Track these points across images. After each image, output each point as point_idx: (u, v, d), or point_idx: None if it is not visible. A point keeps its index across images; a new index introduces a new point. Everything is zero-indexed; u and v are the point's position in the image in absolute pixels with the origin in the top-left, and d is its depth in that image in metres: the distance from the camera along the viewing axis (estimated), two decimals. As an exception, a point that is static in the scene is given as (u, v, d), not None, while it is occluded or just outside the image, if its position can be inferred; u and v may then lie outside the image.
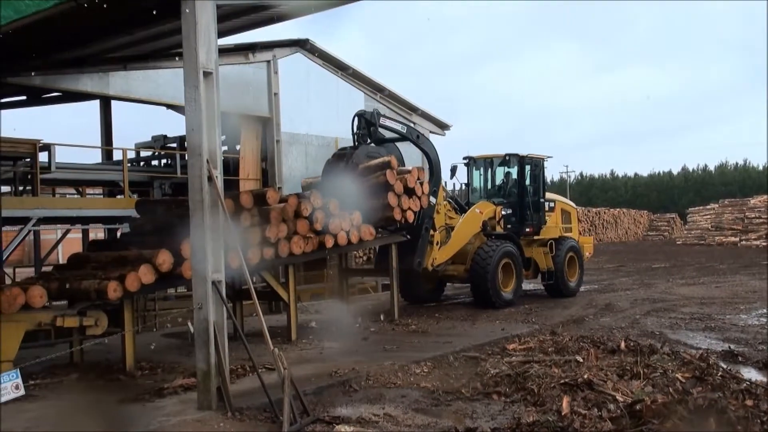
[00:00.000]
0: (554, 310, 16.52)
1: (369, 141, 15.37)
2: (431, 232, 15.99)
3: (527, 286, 20.80)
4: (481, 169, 19.16)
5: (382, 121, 15.55)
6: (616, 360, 9.99)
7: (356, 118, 15.36)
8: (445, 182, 19.09)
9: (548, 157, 19.48)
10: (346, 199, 13.77)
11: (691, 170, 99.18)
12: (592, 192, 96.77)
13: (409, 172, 15.18)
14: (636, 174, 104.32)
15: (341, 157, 15.12)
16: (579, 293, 19.87)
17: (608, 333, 12.94)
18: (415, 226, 15.40)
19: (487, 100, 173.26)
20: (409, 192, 14.95)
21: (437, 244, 16.19)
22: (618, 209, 66.45)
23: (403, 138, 16.26)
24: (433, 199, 16.11)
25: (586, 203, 77.40)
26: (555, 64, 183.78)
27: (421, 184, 15.31)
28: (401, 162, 15.87)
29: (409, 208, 14.85)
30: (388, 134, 15.90)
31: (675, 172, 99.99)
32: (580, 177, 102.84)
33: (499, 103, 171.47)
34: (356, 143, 15.27)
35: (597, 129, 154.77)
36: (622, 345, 10.81)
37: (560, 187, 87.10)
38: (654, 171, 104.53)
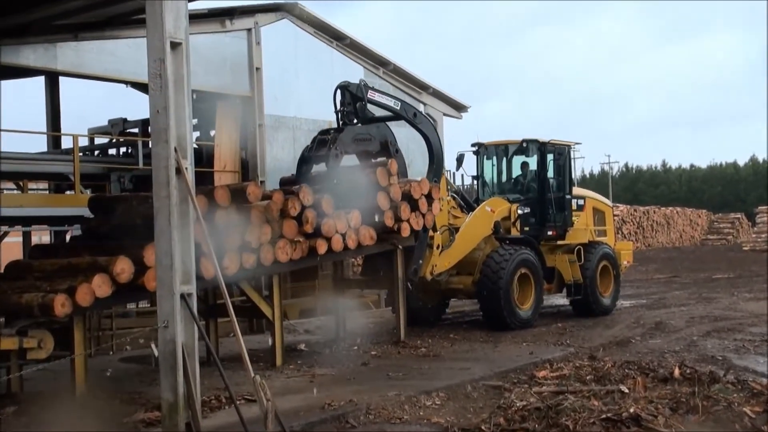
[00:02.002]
0: (593, 330, 16.49)
1: (355, 120, 15.39)
2: (430, 233, 15.93)
3: (558, 301, 20.76)
4: (494, 159, 19.11)
5: (371, 95, 15.52)
6: (668, 390, 9.96)
7: (339, 92, 15.32)
8: (452, 173, 19.05)
9: (576, 143, 19.43)
10: (337, 194, 13.78)
11: (761, 161, 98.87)
12: (639, 187, 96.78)
13: (417, 181, 15.17)
14: (692, 165, 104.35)
15: (323, 143, 15.04)
16: (623, 309, 19.85)
17: (659, 358, 12.92)
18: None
19: (528, 74, 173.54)
20: (413, 204, 14.95)
21: (438, 247, 16.10)
22: (671, 208, 66.40)
23: (396, 116, 16.24)
24: None
25: (632, 200, 77.31)
26: (612, 32, 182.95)
27: (430, 203, 15.26)
28: (395, 146, 15.83)
29: (407, 221, 14.82)
30: (380, 113, 15.89)
31: (741, 162, 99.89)
32: (624, 169, 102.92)
33: (541, 78, 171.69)
34: (340, 123, 15.27)
35: (650, 112, 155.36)
36: (677, 372, 10.78)
37: (600, 181, 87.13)
38: (714, 162, 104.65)
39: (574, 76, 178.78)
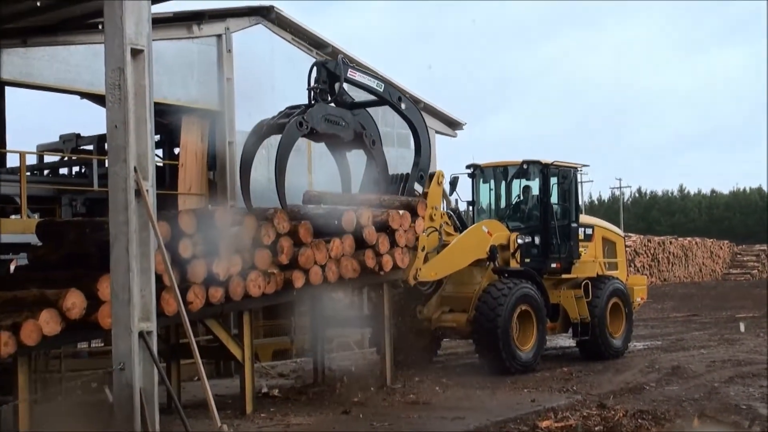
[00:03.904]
0: (602, 374, 16.48)
1: (330, 99, 15.44)
2: None
3: (563, 342, 20.74)
4: (491, 182, 19.14)
5: (351, 73, 15.58)
6: (686, 443, 9.97)
7: (315, 69, 15.40)
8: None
9: (583, 165, 19.51)
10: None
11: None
12: (653, 215, 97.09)
13: (413, 208, 15.11)
14: (714, 191, 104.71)
15: (289, 115, 14.93)
16: (636, 352, 19.86)
17: (676, 406, 12.90)
18: None
19: (545, 87, 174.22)
20: (391, 234, 14.91)
21: (423, 249, 16.00)
22: (689, 238, 66.63)
23: (380, 100, 16.31)
24: (418, 188, 16.11)
25: (646, 230, 77.59)
26: (640, 39, 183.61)
27: (412, 223, 15.19)
28: (371, 138, 15.83)
29: (390, 254, 14.80)
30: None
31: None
32: (637, 194, 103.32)
33: (552, 89, 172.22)
34: (311, 101, 15.25)
35: (667, 130, 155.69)
36: (696, 423, 10.78)
37: (610, 208, 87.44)
38: (738, 187, 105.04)
39: (590, 87, 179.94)
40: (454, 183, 18.50)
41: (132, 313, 8.09)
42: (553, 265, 18.22)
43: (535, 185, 18.66)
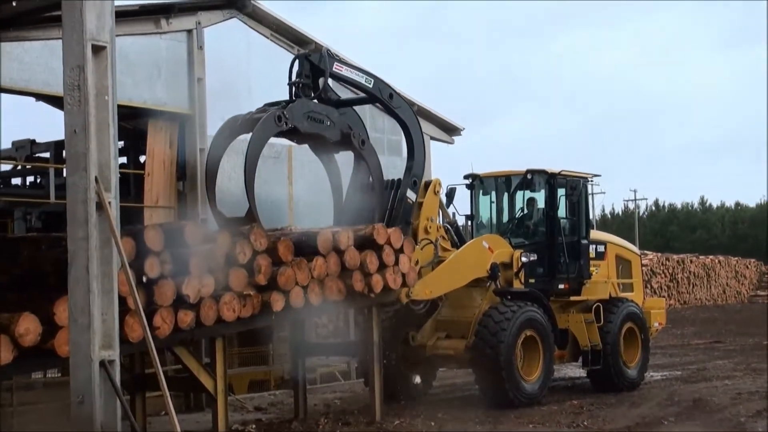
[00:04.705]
0: (616, 408, 16.49)
1: (313, 95, 15.48)
2: None
3: (572, 371, 20.74)
4: (492, 194, 19.21)
5: (337, 67, 15.63)
6: (709, 484, 10.00)
7: (297, 62, 15.50)
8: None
9: (594, 175, 19.54)
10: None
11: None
12: (672, 230, 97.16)
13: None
14: (738, 203, 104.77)
15: (265, 111, 14.98)
16: (653, 383, 19.89)
17: (698, 443, 12.95)
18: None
19: (550, 89, 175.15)
20: (378, 252, 14.94)
21: (416, 263, 16.07)
22: (711, 256, 66.82)
23: (369, 98, 16.35)
24: (412, 195, 16.16)
25: (664, 247, 77.75)
26: (662, 35, 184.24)
27: (397, 251, 15.15)
28: (359, 138, 15.86)
29: (381, 275, 14.80)
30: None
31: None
32: (654, 207, 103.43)
33: (565, 96, 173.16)
34: (293, 96, 15.32)
35: (694, 133, 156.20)
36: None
37: (624, 222, 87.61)
38: (765, 199, 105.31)
39: (599, 89, 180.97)
40: (450, 195, 18.51)
41: (92, 339, 8.07)
42: (561, 286, 18.25)
43: (540, 197, 18.70)
